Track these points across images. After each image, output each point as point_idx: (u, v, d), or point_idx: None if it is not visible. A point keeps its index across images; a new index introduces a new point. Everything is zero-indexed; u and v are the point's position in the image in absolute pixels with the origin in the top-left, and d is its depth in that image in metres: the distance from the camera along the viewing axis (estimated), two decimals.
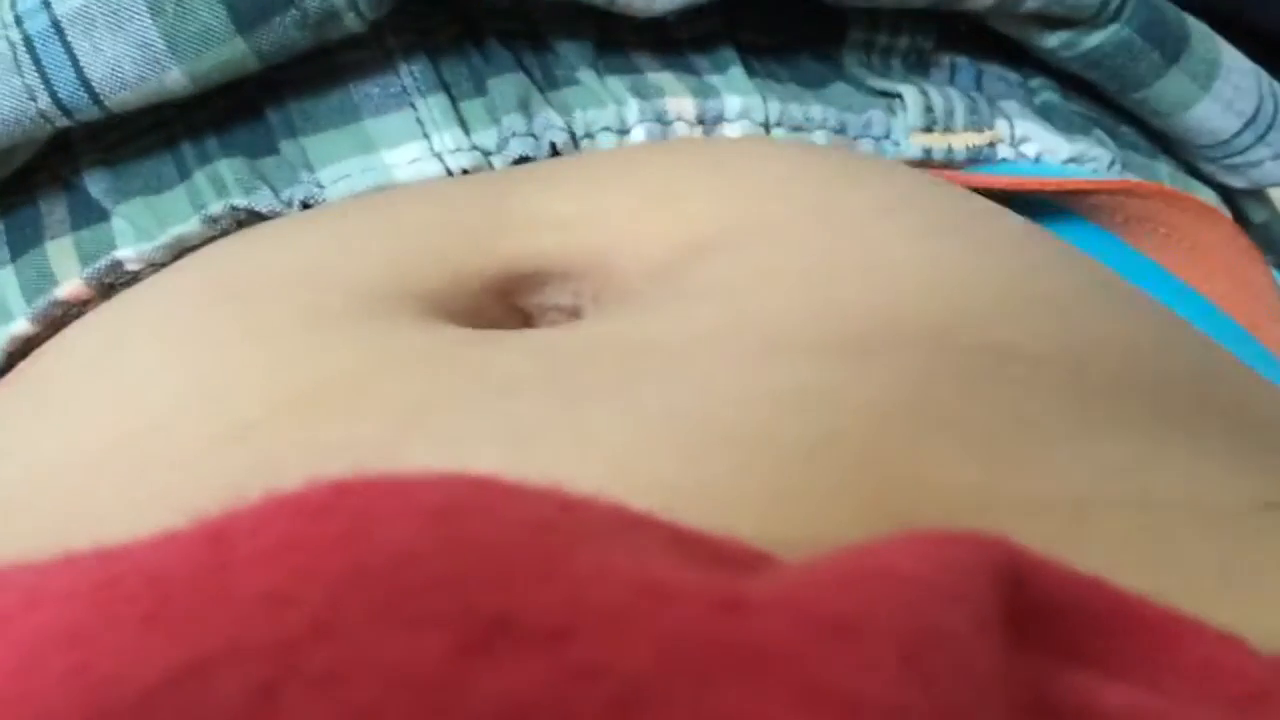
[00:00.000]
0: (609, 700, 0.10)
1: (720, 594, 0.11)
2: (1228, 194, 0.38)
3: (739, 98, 0.29)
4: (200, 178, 0.27)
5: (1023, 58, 0.34)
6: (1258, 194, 0.39)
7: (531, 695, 0.10)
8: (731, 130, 0.29)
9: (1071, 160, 0.32)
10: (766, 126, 0.29)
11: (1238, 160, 0.36)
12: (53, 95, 0.26)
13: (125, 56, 0.26)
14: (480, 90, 0.28)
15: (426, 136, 0.27)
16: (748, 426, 0.18)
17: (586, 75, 0.29)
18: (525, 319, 0.24)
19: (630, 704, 0.10)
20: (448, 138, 0.27)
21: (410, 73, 0.28)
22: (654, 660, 0.10)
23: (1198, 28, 0.34)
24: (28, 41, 0.26)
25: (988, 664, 0.12)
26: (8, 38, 0.26)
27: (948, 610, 0.12)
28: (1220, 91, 0.34)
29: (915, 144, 0.30)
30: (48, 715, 0.10)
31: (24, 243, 0.28)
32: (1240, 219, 0.38)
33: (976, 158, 0.31)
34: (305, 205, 0.27)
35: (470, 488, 0.12)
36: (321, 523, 0.11)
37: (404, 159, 0.27)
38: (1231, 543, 0.17)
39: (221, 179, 0.27)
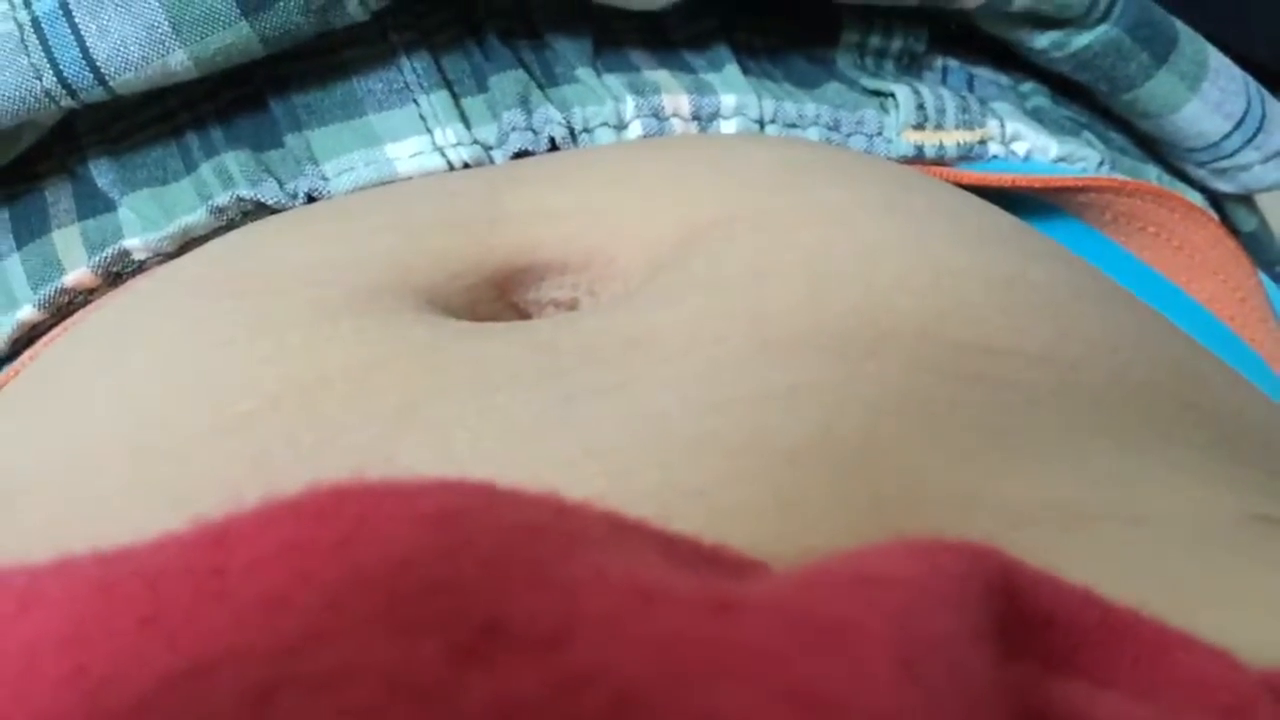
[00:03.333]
0: (603, 706, 0.10)
1: (711, 597, 0.11)
2: (1217, 202, 0.38)
3: (734, 95, 0.29)
4: (206, 169, 0.27)
5: (1014, 62, 0.35)
6: (1247, 201, 0.40)
7: (526, 702, 0.10)
8: (727, 126, 0.29)
9: (1061, 159, 0.32)
10: (761, 123, 0.29)
11: (1226, 164, 0.36)
12: (58, 74, 0.26)
13: (131, 37, 0.26)
14: (482, 86, 0.28)
15: (429, 131, 0.28)
16: (739, 430, 0.18)
17: (585, 73, 0.29)
18: (523, 315, 0.24)
19: (624, 710, 0.10)
20: (450, 132, 0.28)
21: (413, 69, 0.28)
22: (647, 666, 0.10)
23: (1185, 30, 0.34)
24: (35, 22, 0.26)
25: (982, 670, 0.12)
26: (15, 18, 0.26)
27: (941, 616, 0.12)
28: (1208, 93, 0.34)
29: (907, 141, 0.30)
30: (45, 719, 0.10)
31: (30, 231, 0.28)
32: (1229, 227, 0.38)
33: (968, 155, 0.31)
34: (310, 198, 0.27)
35: (467, 493, 0.12)
36: (320, 528, 0.12)
37: (406, 152, 0.27)
38: (1217, 556, 0.18)
39: (227, 171, 0.27)
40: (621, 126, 0.28)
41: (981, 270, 0.22)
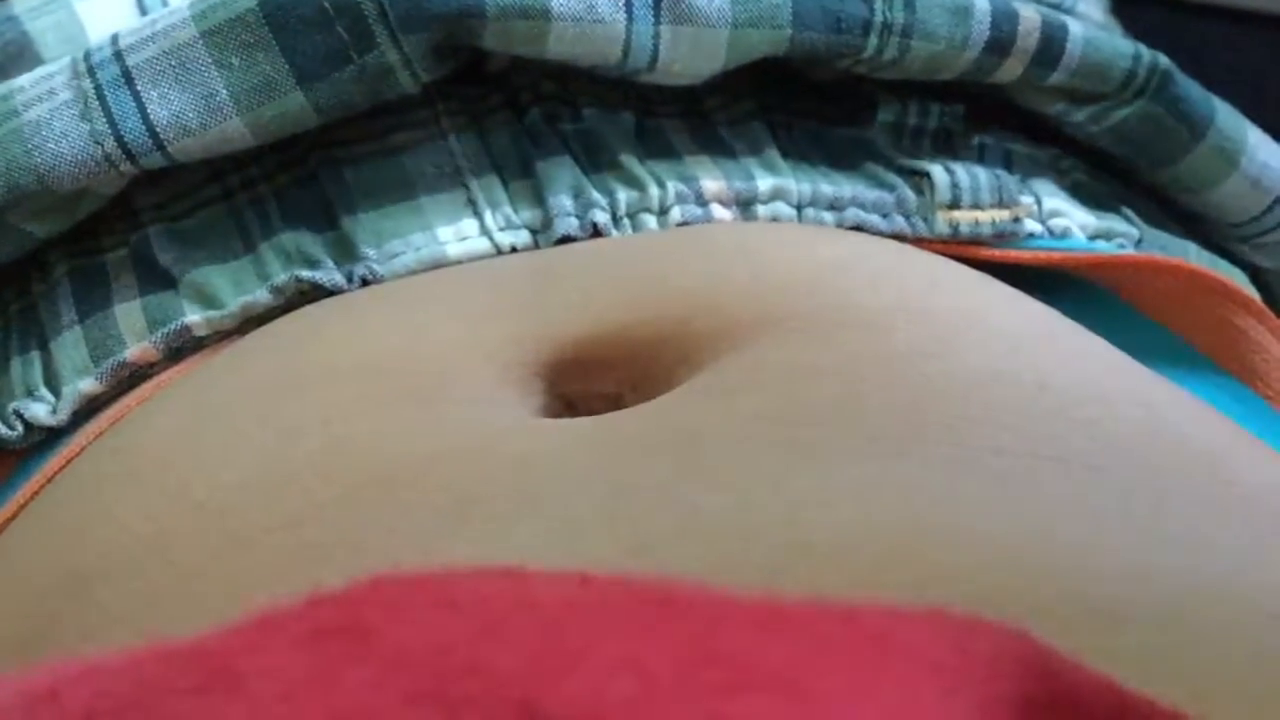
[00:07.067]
0: None
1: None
2: (1260, 277, 0.38)
3: (772, 179, 0.30)
4: (266, 250, 0.29)
5: (1053, 137, 0.35)
6: None
7: None
8: (765, 211, 0.30)
9: (1098, 235, 0.33)
10: (799, 206, 0.30)
11: (1268, 239, 0.36)
12: (119, 140, 0.27)
13: (189, 106, 0.27)
14: (528, 172, 0.29)
15: (478, 215, 0.29)
16: (780, 528, 0.18)
17: (628, 159, 0.30)
18: (568, 404, 0.24)
19: None
20: (498, 216, 0.28)
21: (463, 153, 0.29)
22: None
23: (1223, 106, 0.35)
24: (98, 90, 0.27)
25: None
26: (79, 86, 0.27)
27: (950, 692, 0.12)
28: (1248, 168, 0.35)
29: (943, 219, 0.31)
30: None
31: (92, 305, 0.29)
32: (1272, 301, 0.38)
33: (1003, 233, 0.31)
34: (364, 281, 0.28)
35: (498, 577, 0.13)
36: (362, 613, 0.12)
37: (456, 236, 0.28)
38: (1266, 659, 0.18)
39: (286, 251, 0.28)
40: (663, 212, 0.29)
41: (1012, 376, 0.22)
